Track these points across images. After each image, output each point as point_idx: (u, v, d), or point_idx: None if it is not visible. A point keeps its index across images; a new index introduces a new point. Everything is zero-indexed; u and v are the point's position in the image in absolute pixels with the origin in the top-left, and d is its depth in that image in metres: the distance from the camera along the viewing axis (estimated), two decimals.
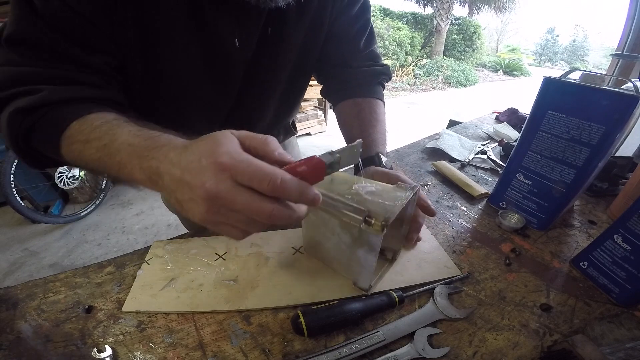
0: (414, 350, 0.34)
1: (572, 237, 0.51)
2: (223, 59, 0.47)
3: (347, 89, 0.64)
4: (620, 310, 0.39)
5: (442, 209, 0.57)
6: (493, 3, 9.16)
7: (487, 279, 0.43)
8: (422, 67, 7.52)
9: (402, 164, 0.72)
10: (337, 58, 0.62)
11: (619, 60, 1.48)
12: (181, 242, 0.49)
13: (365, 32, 0.62)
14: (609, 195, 0.60)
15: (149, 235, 1.92)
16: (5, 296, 0.41)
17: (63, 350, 0.35)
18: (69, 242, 1.88)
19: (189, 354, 0.34)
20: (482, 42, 9.83)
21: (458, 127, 0.95)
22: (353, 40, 0.61)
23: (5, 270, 1.67)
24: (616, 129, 0.41)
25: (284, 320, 0.38)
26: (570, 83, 0.45)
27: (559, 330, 0.37)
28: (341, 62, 0.62)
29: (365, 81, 0.64)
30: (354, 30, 0.60)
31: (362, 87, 0.63)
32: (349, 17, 0.58)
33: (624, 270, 0.39)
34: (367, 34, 0.62)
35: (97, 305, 0.40)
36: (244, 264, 0.45)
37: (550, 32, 14.17)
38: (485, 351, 0.34)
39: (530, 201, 0.52)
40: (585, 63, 13.22)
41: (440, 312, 0.38)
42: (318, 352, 0.34)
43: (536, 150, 0.50)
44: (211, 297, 0.40)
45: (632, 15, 1.41)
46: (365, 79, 0.64)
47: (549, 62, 13.80)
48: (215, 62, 0.47)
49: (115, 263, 0.46)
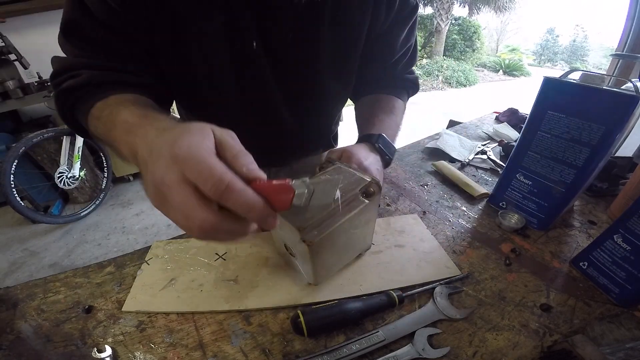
0: (414, 350, 0.34)
1: (572, 237, 0.51)
2: (245, 58, 0.47)
3: (371, 87, 0.64)
4: (620, 310, 0.39)
5: (442, 209, 0.57)
6: (493, 3, 9.15)
7: (487, 279, 0.43)
8: (422, 67, 7.50)
9: (402, 164, 0.72)
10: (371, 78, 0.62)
11: (619, 60, 1.48)
12: (181, 242, 0.49)
13: (405, 58, 0.61)
14: (609, 195, 0.60)
15: (149, 235, 1.92)
16: (5, 296, 0.41)
17: (63, 350, 0.35)
18: (69, 242, 1.88)
19: (189, 354, 0.34)
20: (482, 42, 9.82)
21: (458, 127, 0.95)
22: (391, 67, 0.61)
23: (5, 270, 1.68)
24: (616, 129, 0.41)
25: (284, 320, 0.38)
26: (570, 83, 0.45)
27: (559, 331, 0.37)
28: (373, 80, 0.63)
29: (391, 84, 0.64)
30: (394, 59, 0.60)
31: (387, 88, 0.63)
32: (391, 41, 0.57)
33: (624, 271, 0.39)
34: (407, 59, 0.62)
35: (97, 305, 0.40)
36: (244, 264, 0.45)
37: (550, 32, 14.16)
38: (485, 351, 0.34)
39: (530, 201, 0.52)
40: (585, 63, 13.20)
41: (440, 312, 0.38)
42: (318, 352, 0.34)
43: (536, 150, 0.50)
44: (211, 297, 0.40)
45: (632, 15, 1.41)
46: (393, 81, 0.64)
47: (549, 62, 13.78)
48: (240, 60, 0.48)
49: (115, 263, 0.46)
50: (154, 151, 0.25)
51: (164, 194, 0.24)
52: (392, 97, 0.62)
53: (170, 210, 0.24)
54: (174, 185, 0.23)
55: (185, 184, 0.23)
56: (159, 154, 0.24)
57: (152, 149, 0.26)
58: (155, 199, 0.24)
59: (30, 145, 1.74)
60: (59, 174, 1.88)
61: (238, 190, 0.23)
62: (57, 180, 1.88)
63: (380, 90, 0.63)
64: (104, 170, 2.17)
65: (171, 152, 0.23)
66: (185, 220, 0.24)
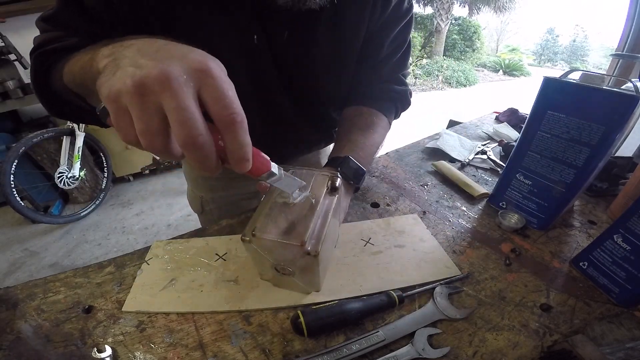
0: (414, 350, 0.34)
1: (572, 237, 0.51)
2: (249, 53, 0.47)
3: (357, 95, 0.61)
4: (620, 310, 0.39)
5: (442, 209, 0.57)
6: (493, 3, 9.15)
7: (487, 279, 0.43)
8: (422, 67, 7.51)
9: (402, 164, 0.72)
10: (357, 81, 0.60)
11: (619, 60, 1.48)
12: (181, 242, 0.49)
13: (394, 58, 0.59)
14: (609, 195, 0.60)
15: (149, 235, 1.92)
16: (5, 296, 0.41)
17: (63, 350, 0.35)
18: (69, 242, 1.88)
19: (189, 354, 0.34)
20: (482, 42, 9.82)
21: (458, 127, 0.94)
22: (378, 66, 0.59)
23: (5, 270, 1.68)
24: (616, 129, 0.41)
25: (284, 320, 0.38)
26: (570, 83, 0.45)
27: (559, 330, 0.37)
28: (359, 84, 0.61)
29: (377, 94, 0.61)
30: (380, 57, 0.57)
31: (371, 100, 0.61)
32: (380, 40, 0.55)
33: (624, 271, 0.39)
34: (397, 59, 0.60)
35: (97, 305, 0.40)
36: (244, 264, 0.45)
37: (550, 32, 14.16)
38: (485, 351, 0.34)
39: (530, 201, 0.52)
40: (585, 63, 13.20)
41: (440, 312, 0.38)
42: (318, 352, 0.34)
43: (536, 150, 0.50)
44: (211, 297, 0.40)
45: (632, 15, 1.41)
46: (379, 92, 0.61)
47: (549, 62, 13.77)
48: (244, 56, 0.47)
49: (115, 263, 0.46)
50: (158, 50, 0.23)
51: (153, 91, 0.21)
52: (374, 112, 0.59)
53: (148, 107, 0.21)
54: (183, 86, 0.21)
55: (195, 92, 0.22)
56: (167, 54, 0.22)
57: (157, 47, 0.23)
58: (135, 86, 0.21)
59: (30, 145, 1.74)
60: (59, 174, 1.88)
61: (246, 130, 0.23)
62: (57, 180, 1.88)
63: (364, 102, 0.60)
64: (104, 170, 2.17)
65: (196, 58, 0.22)
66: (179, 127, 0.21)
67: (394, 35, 0.56)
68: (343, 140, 0.55)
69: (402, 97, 0.64)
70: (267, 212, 0.36)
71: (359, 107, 0.60)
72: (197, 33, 0.44)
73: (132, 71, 0.21)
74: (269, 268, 0.38)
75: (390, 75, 0.62)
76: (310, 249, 0.33)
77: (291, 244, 0.33)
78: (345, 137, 0.56)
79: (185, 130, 0.21)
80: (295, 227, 0.35)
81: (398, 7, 0.54)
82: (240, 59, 0.48)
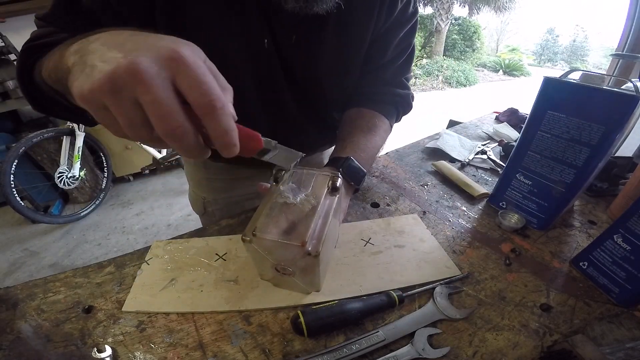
0: (414, 350, 0.34)
1: (572, 237, 0.51)
2: (257, 56, 0.48)
3: (358, 97, 0.61)
4: (620, 310, 0.39)
5: (442, 209, 0.57)
6: (493, 3, 9.14)
7: (487, 279, 0.43)
8: (422, 67, 7.50)
9: (402, 164, 0.72)
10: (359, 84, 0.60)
11: (619, 60, 1.48)
12: (181, 242, 0.49)
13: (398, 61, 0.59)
14: (609, 195, 0.60)
15: (149, 235, 1.92)
16: (5, 296, 0.41)
17: (63, 350, 0.35)
18: (69, 242, 1.88)
19: (189, 354, 0.34)
20: (482, 42, 9.82)
21: (458, 127, 0.94)
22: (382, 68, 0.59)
23: (5, 270, 1.68)
24: (616, 129, 0.41)
25: (284, 320, 0.38)
26: (570, 83, 0.45)
27: (559, 330, 0.37)
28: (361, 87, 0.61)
29: (379, 97, 0.61)
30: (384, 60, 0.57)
31: (373, 102, 0.60)
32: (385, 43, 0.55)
33: (624, 271, 0.39)
34: (401, 62, 0.59)
35: (97, 305, 0.40)
36: (244, 264, 0.45)
37: (550, 32, 14.16)
38: (485, 351, 0.34)
39: (530, 201, 0.52)
40: (585, 63, 13.19)
41: (441, 312, 0.38)
42: (318, 352, 0.34)
43: (536, 150, 0.50)
44: (211, 298, 0.40)
45: (632, 15, 1.41)
46: (381, 95, 0.61)
47: (549, 62, 13.77)
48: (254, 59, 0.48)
49: (115, 263, 0.46)
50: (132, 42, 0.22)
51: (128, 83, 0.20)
52: (376, 114, 0.59)
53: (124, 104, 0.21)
54: (155, 78, 0.20)
55: (170, 82, 0.21)
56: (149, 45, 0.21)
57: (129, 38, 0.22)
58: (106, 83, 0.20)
59: (30, 145, 1.74)
60: (59, 174, 1.88)
61: (228, 115, 0.22)
62: (57, 180, 1.88)
63: (366, 104, 0.60)
64: (104, 170, 2.17)
65: (167, 46, 0.21)
66: (156, 120, 0.21)
67: (399, 39, 0.56)
68: (345, 141, 0.55)
69: (404, 100, 0.64)
70: (268, 212, 0.36)
71: (361, 109, 0.60)
72: (206, 34, 0.44)
73: (100, 67, 0.20)
74: (269, 268, 0.38)
75: (394, 78, 0.62)
76: (310, 249, 0.33)
77: (292, 244, 0.33)
78: (347, 138, 0.56)
79: (162, 124, 0.21)
80: (295, 227, 0.35)
81: (403, 12, 0.54)
82: (247, 61, 0.48)
